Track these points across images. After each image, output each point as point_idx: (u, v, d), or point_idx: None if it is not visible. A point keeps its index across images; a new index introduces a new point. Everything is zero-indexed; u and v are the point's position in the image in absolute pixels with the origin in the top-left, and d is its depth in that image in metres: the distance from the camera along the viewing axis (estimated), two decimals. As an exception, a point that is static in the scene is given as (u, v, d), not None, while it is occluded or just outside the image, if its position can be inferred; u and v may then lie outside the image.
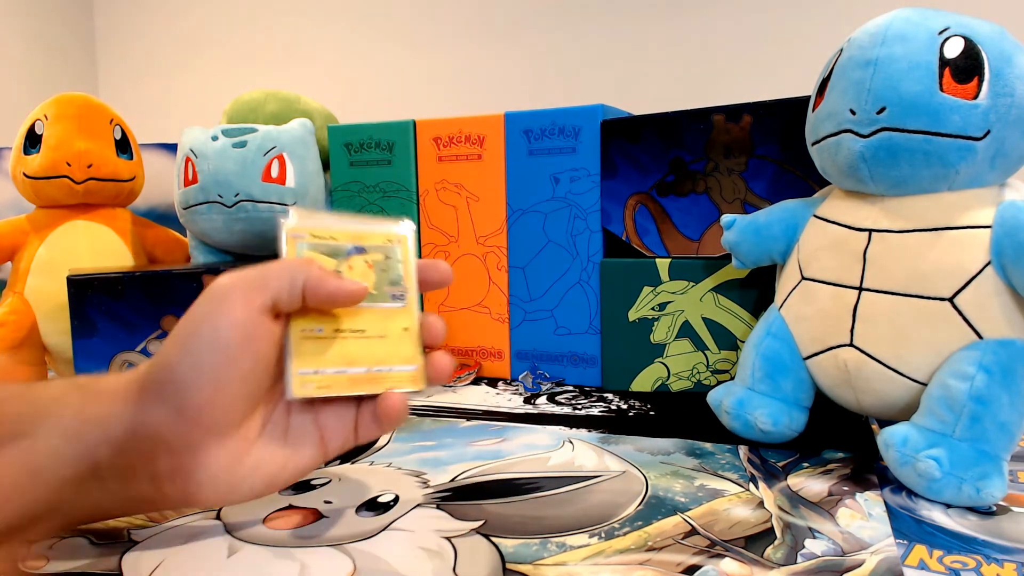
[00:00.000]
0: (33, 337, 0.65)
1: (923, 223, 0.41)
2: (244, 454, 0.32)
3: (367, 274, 0.35)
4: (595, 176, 0.62)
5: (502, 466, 0.44)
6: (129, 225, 0.72)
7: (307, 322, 0.33)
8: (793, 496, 0.39)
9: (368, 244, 0.36)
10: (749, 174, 0.57)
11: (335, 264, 0.35)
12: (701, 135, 0.58)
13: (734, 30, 1.84)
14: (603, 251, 0.63)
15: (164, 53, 2.61)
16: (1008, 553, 0.32)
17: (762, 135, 0.56)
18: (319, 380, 0.33)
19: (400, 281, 0.36)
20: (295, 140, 0.70)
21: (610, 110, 0.63)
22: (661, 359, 0.60)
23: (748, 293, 0.57)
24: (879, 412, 0.44)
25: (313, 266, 0.32)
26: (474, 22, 2.14)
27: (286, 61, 2.39)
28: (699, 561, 0.32)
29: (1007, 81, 0.39)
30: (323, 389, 0.33)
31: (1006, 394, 0.37)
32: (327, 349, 0.34)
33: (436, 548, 0.33)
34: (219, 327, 0.30)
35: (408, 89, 2.23)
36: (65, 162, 0.66)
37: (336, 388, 0.33)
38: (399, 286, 0.36)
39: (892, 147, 0.40)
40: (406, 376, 0.35)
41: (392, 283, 0.36)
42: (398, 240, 0.37)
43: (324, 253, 0.34)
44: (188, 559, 0.32)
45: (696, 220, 0.59)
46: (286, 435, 0.34)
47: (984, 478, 0.36)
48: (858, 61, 0.41)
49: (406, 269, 0.36)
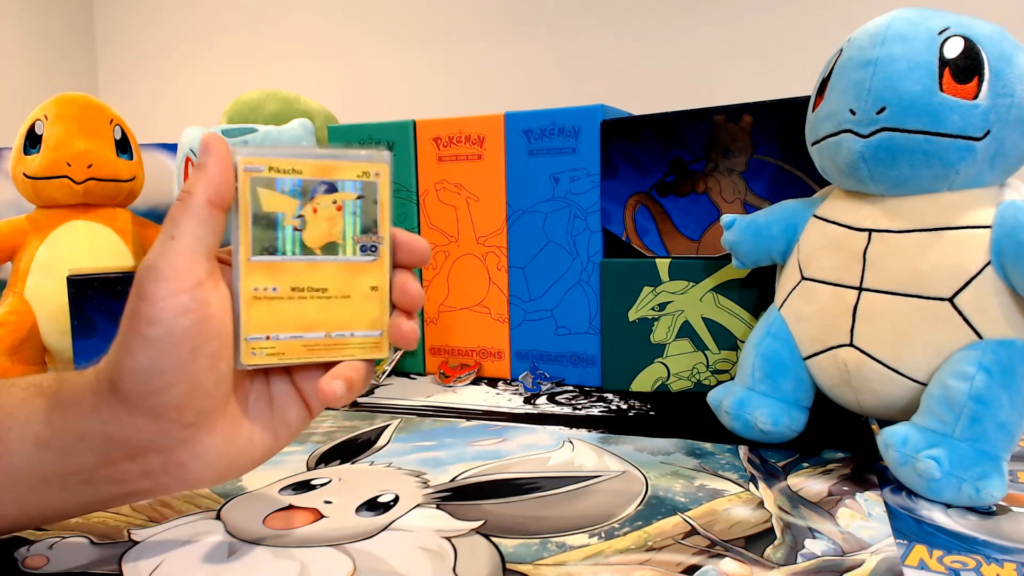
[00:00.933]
0: (33, 337, 0.66)
1: (923, 223, 0.41)
2: (234, 433, 0.30)
3: (335, 218, 0.30)
4: (595, 176, 0.62)
5: (502, 466, 0.44)
6: (129, 225, 0.72)
7: (259, 278, 0.29)
8: (793, 496, 0.39)
9: (339, 178, 0.30)
10: (749, 174, 0.57)
11: (294, 207, 0.29)
12: (701, 135, 0.58)
13: (735, 30, 1.83)
14: (603, 251, 0.63)
15: (164, 53, 2.61)
16: (1008, 553, 0.32)
17: (762, 135, 0.56)
18: (271, 347, 0.30)
19: (374, 228, 0.31)
20: (295, 140, 0.70)
21: (610, 110, 0.63)
22: (661, 359, 0.60)
23: (748, 293, 0.57)
24: (879, 412, 0.44)
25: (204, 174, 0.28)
26: (474, 22, 2.14)
27: (286, 61, 2.39)
28: (699, 561, 0.32)
29: (1007, 81, 0.39)
30: (275, 357, 0.30)
31: (1006, 394, 0.37)
32: (281, 311, 0.30)
33: (436, 548, 0.33)
34: (164, 320, 0.27)
35: (408, 89, 2.23)
36: (65, 162, 0.66)
37: (290, 355, 0.30)
38: (372, 235, 0.31)
39: (892, 147, 0.40)
40: (368, 343, 0.31)
41: (364, 231, 0.31)
42: (375, 174, 0.31)
43: (285, 191, 0.29)
44: (188, 559, 0.32)
45: (696, 220, 0.59)
46: (271, 403, 0.32)
47: (984, 478, 0.36)
48: (858, 61, 0.41)
49: (382, 214, 0.31)
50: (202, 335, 0.28)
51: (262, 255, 0.30)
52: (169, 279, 0.27)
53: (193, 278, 0.27)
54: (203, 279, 0.28)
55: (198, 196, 0.28)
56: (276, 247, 0.30)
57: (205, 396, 0.29)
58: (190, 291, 0.27)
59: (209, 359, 0.28)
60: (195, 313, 0.27)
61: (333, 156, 0.30)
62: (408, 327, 0.32)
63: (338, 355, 0.31)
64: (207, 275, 0.28)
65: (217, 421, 0.30)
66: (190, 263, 0.27)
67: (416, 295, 0.32)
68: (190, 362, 0.28)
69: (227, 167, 0.28)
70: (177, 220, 0.28)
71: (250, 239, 0.29)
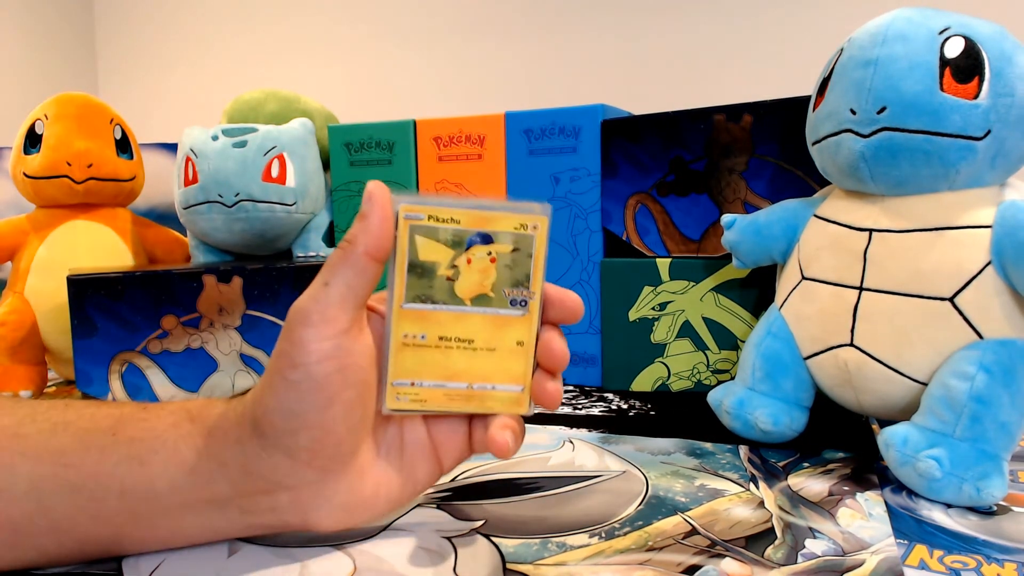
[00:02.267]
0: (33, 337, 0.65)
1: (923, 223, 0.41)
2: (361, 482, 0.31)
3: (487, 270, 0.30)
4: (595, 176, 0.62)
5: (502, 466, 0.44)
6: (129, 225, 0.72)
7: (409, 325, 0.30)
8: (793, 496, 0.39)
9: (496, 230, 0.29)
10: (749, 174, 0.57)
11: (451, 256, 0.29)
12: (701, 135, 0.58)
13: (734, 30, 1.84)
14: (603, 251, 0.63)
15: (164, 53, 2.61)
16: (1008, 553, 0.32)
17: (762, 135, 0.56)
18: (414, 393, 0.30)
19: (526, 283, 0.30)
20: (295, 140, 0.69)
21: (610, 110, 0.63)
22: (661, 359, 0.60)
23: (748, 293, 0.57)
24: (879, 412, 0.44)
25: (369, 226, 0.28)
26: (474, 22, 2.14)
27: (287, 60, 2.39)
28: (699, 561, 0.32)
29: (1008, 81, 0.39)
30: (417, 403, 0.30)
31: (1007, 394, 0.37)
32: (427, 359, 0.30)
33: (436, 548, 0.33)
34: (307, 365, 0.27)
35: (408, 89, 2.23)
36: (65, 162, 0.66)
37: (432, 404, 0.31)
38: (524, 289, 0.30)
39: (892, 147, 0.40)
40: (510, 397, 0.31)
41: (516, 284, 0.30)
42: (532, 226, 0.30)
43: (442, 240, 0.29)
44: (188, 559, 0.32)
45: (696, 220, 0.59)
46: (402, 454, 0.32)
47: (984, 478, 0.36)
48: (858, 61, 0.41)
49: (536, 268, 0.30)
50: (341, 383, 0.28)
51: (414, 303, 0.30)
52: (317, 325, 0.27)
53: (339, 326, 0.28)
54: (348, 328, 0.28)
55: (357, 247, 0.28)
56: (429, 295, 0.30)
57: (337, 443, 0.29)
58: (335, 338, 0.28)
59: (345, 407, 0.29)
60: (337, 361, 0.28)
61: (492, 207, 0.29)
62: (552, 387, 0.31)
63: (478, 407, 0.31)
64: (353, 323, 0.28)
65: (347, 468, 0.30)
66: (339, 312, 0.28)
67: (561, 355, 0.31)
68: (326, 408, 0.28)
69: (388, 220, 0.28)
70: (334, 268, 0.28)
71: (404, 286, 0.29)
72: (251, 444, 0.29)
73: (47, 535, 0.30)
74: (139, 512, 0.30)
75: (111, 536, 0.31)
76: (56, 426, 0.31)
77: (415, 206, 0.29)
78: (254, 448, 0.29)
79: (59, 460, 0.30)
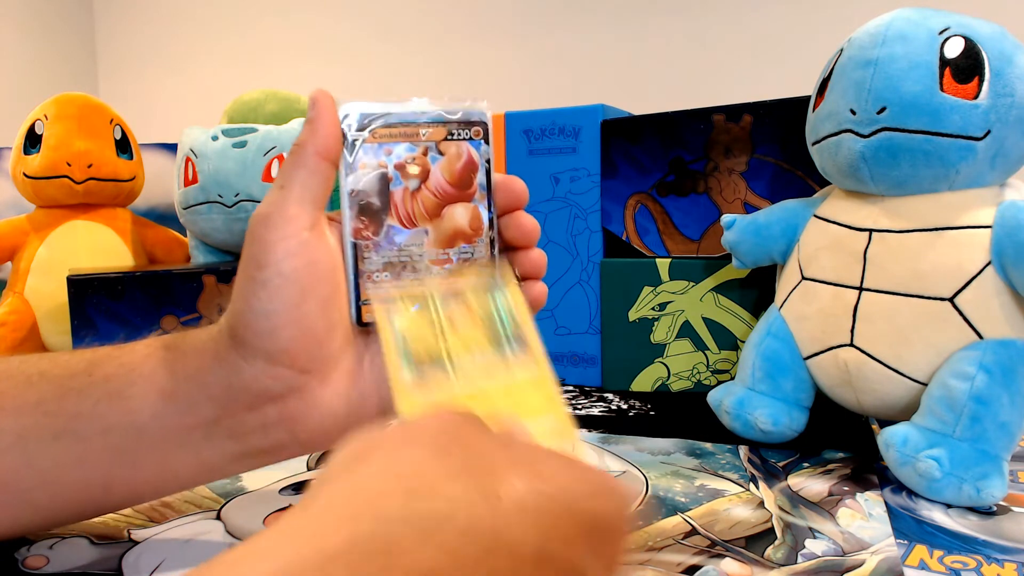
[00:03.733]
0: (33, 337, 0.65)
1: (923, 223, 0.41)
2: (347, 389, 0.30)
3: (472, 326, 0.30)
4: (595, 176, 0.62)
5: (502, 466, 0.44)
6: (129, 225, 0.72)
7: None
8: (793, 496, 0.39)
9: (463, 289, 0.30)
10: (749, 174, 0.57)
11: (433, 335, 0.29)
12: (701, 135, 0.58)
13: (735, 30, 1.83)
14: (603, 251, 0.63)
15: (164, 53, 2.61)
16: (1008, 553, 0.32)
17: (762, 135, 0.56)
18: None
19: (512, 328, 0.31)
20: (295, 140, 0.69)
21: (610, 110, 0.63)
22: (661, 359, 0.60)
23: (748, 293, 0.57)
24: (879, 412, 0.44)
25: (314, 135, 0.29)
26: (474, 22, 2.14)
27: (286, 61, 2.39)
28: (699, 561, 0.32)
29: (1007, 81, 0.39)
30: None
31: (1006, 394, 0.37)
32: None
33: (436, 548, 0.33)
34: (276, 263, 0.28)
35: (408, 89, 2.23)
36: (65, 162, 0.66)
37: None
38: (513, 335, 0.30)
39: (892, 147, 0.40)
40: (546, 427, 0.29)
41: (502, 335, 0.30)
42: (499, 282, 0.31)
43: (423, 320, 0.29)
44: (188, 559, 0.32)
45: (696, 220, 0.59)
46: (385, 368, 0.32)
47: (984, 478, 0.36)
48: (858, 61, 0.41)
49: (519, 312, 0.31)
50: (312, 277, 0.28)
51: None
52: (279, 225, 0.28)
53: (301, 224, 0.28)
54: (311, 226, 0.29)
55: (307, 149, 0.29)
56: None
57: (317, 342, 0.29)
58: (298, 235, 0.28)
59: (319, 303, 0.29)
60: (304, 256, 0.28)
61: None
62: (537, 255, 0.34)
63: None
64: (315, 224, 0.29)
65: (331, 373, 0.30)
66: (298, 210, 0.28)
67: (531, 227, 0.33)
68: (300, 304, 0.28)
69: (334, 122, 0.29)
70: (288, 172, 0.29)
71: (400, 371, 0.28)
72: (230, 356, 0.29)
73: (38, 489, 0.30)
74: (124, 448, 0.30)
75: (101, 482, 0.30)
76: (31, 377, 0.31)
77: (385, 292, 0.30)
78: (234, 359, 0.29)
79: (39, 409, 0.30)
